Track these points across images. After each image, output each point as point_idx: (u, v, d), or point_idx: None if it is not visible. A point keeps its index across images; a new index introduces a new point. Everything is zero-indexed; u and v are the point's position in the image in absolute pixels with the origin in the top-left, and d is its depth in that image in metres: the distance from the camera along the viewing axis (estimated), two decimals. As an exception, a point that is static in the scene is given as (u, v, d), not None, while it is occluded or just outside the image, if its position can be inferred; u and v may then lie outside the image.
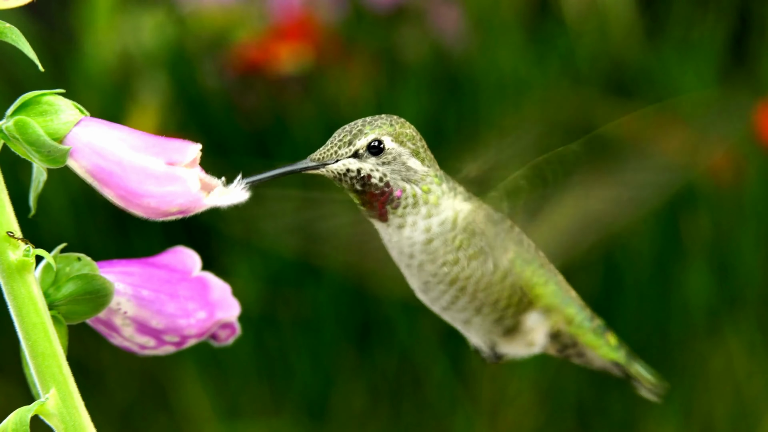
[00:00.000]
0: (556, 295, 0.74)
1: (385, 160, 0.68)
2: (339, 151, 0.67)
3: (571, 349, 0.76)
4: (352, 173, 0.68)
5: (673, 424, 1.55)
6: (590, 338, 0.76)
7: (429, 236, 0.70)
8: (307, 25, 1.66)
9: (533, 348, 0.75)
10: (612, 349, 0.77)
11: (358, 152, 0.67)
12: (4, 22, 0.58)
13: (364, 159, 0.68)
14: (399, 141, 0.68)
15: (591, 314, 0.76)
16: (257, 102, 1.67)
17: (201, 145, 0.58)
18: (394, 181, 0.68)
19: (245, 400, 1.58)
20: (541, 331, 0.74)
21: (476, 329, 0.73)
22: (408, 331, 1.58)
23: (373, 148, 0.68)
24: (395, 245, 0.70)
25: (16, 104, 0.58)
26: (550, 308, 0.74)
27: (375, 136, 0.68)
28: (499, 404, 1.58)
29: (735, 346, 1.56)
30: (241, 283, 1.52)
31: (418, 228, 0.69)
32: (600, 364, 0.77)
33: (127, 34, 1.66)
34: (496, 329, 0.73)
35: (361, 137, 0.68)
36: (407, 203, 0.69)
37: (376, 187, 0.68)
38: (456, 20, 1.71)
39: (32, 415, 0.58)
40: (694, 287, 1.56)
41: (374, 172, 0.68)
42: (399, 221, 0.69)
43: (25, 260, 0.57)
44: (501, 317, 0.73)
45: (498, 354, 0.75)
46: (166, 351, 0.64)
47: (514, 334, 0.74)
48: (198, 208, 0.57)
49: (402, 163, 0.68)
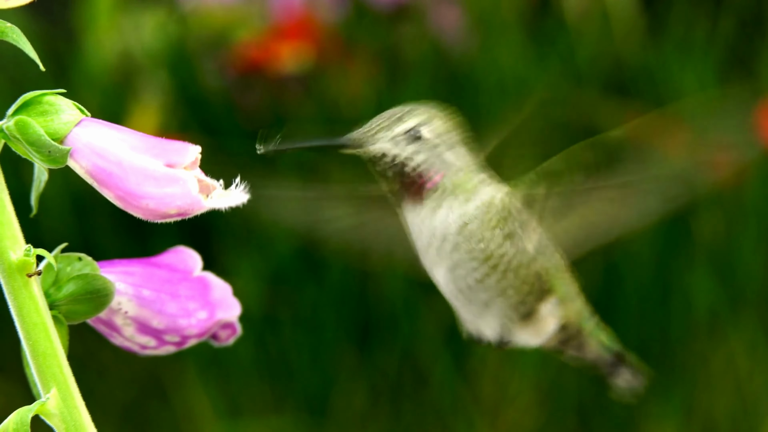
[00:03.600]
0: (569, 287, 0.75)
1: (421, 148, 0.68)
2: (379, 134, 0.68)
3: (573, 341, 0.77)
4: (388, 158, 0.68)
5: (673, 424, 1.55)
6: (593, 330, 0.78)
7: (466, 219, 0.70)
8: (308, 25, 1.66)
9: (541, 337, 0.76)
10: (610, 339, 0.79)
11: (396, 138, 0.68)
12: (5, 22, 0.58)
13: (402, 145, 0.68)
14: (437, 132, 0.69)
15: (591, 310, 0.77)
16: (258, 101, 1.67)
17: (200, 147, 0.58)
18: (428, 169, 0.69)
19: (246, 400, 1.58)
20: (553, 320, 0.76)
21: (494, 312, 0.74)
22: (409, 331, 1.58)
23: (412, 135, 0.68)
24: (426, 228, 0.71)
25: (17, 104, 0.58)
26: (564, 299, 0.75)
27: (415, 124, 0.68)
28: (500, 404, 1.58)
29: (736, 346, 1.56)
30: (241, 283, 1.52)
31: (454, 212, 0.70)
32: (594, 357, 0.78)
33: (128, 34, 1.66)
34: (513, 314, 0.74)
35: (402, 123, 0.68)
36: (442, 190, 0.69)
37: (409, 175, 0.69)
38: (456, 20, 1.71)
39: (33, 414, 0.58)
40: (695, 287, 1.56)
41: (409, 160, 0.68)
42: (433, 204, 0.70)
43: (25, 260, 0.57)
44: (521, 302, 0.74)
45: (505, 341, 0.76)
46: (167, 351, 0.64)
47: (528, 321, 0.75)
48: (197, 210, 0.57)
49: (438, 154, 0.69)
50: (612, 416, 1.59)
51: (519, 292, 0.73)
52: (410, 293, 1.57)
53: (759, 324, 1.57)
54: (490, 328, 0.75)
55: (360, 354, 1.60)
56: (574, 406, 1.60)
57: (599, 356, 0.79)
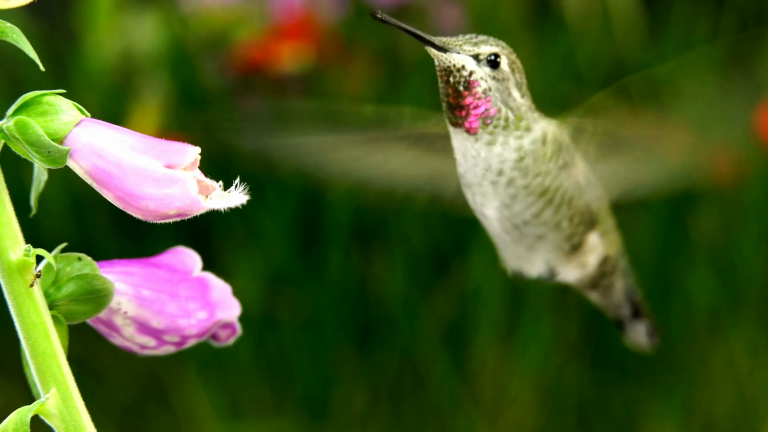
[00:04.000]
0: (610, 220, 0.78)
1: (497, 76, 0.70)
2: (464, 46, 0.69)
3: (608, 278, 0.79)
4: (465, 72, 0.69)
5: (673, 424, 1.55)
6: (624, 269, 0.80)
7: (521, 154, 0.71)
8: (308, 25, 1.66)
9: (585, 270, 0.78)
10: (635, 285, 0.81)
11: (478, 56, 0.69)
12: (5, 22, 0.58)
13: (482, 65, 0.69)
14: (511, 67, 0.70)
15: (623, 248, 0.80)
16: (258, 102, 1.66)
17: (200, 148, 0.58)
18: (495, 97, 0.70)
19: (246, 400, 1.58)
20: (597, 252, 0.78)
21: (546, 245, 0.75)
22: (409, 331, 1.58)
23: (492, 61, 0.70)
24: (482, 162, 0.72)
25: (16, 104, 0.58)
26: (605, 232, 0.77)
27: (498, 51, 0.70)
28: (500, 404, 1.58)
29: (736, 345, 1.56)
30: (241, 282, 1.52)
31: (510, 146, 0.71)
32: (618, 301, 0.80)
33: (128, 34, 1.66)
34: (565, 246, 0.76)
35: (486, 46, 0.70)
36: (500, 123, 0.71)
37: (478, 96, 0.70)
38: (457, 19, 1.71)
39: (33, 414, 0.58)
40: (695, 286, 1.56)
41: (483, 81, 0.70)
42: (489, 138, 0.71)
43: (25, 260, 0.57)
44: (572, 234, 0.75)
45: (555, 273, 0.78)
46: (167, 351, 0.64)
47: (576, 253, 0.77)
48: (196, 211, 0.57)
49: (506, 87, 0.70)
50: (612, 416, 1.59)
51: (572, 224, 0.75)
52: (410, 293, 1.57)
53: (759, 324, 1.57)
54: (539, 261, 0.76)
55: (360, 354, 1.60)
56: (574, 406, 1.60)
57: (622, 303, 0.80)
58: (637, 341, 0.83)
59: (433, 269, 1.61)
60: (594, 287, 0.79)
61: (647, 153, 0.77)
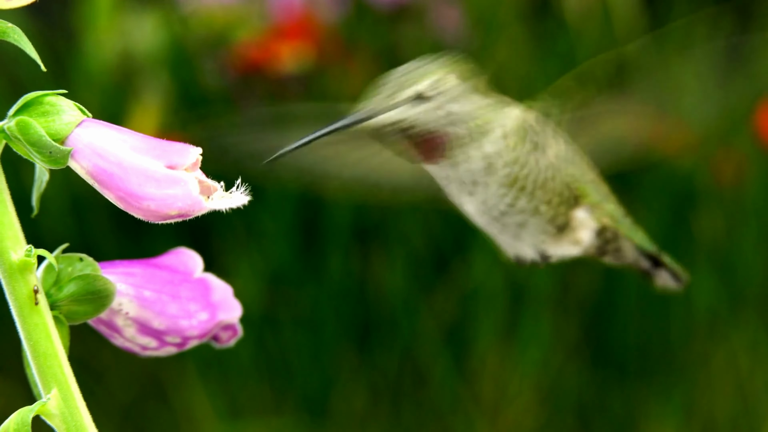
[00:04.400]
0: (598, 191, 0.77)
1: (437, 105, 0.69)
2: (389, 101, 0.68)
3: (611, 244, 0.78)
4: (406, 123, 0.68)
5: (674, 424, 1.55)
6: (629, 230, 0.79)
7: (488, 161, 0.71)
8: (308, 25, 1.66)
9: (581, 245, 0.77)
10: (646, 239, 0.80)
11: (410, 99, 0.68)
12: (5, 22, 0.58)
13: (416, 105, 0.68)
14: (445, 85, 0.69)
15: (623, 209, 0.78)
16: (258, 102, 1.66)
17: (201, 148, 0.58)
18: (444, 123, 0.69)
19: (246, 400, 1.58)
20: (589, 226, 0.77)
21: (530, 231, 0.75)
22: (409, 331, 1.58)
23: (419, 97, 0.68)
24: (455, 179, 0.71)
25: (18, 104, 0.58)
26: (595, 205, 0.76)
27: (419, 87, 0.68)
28: (500, 404, 1.58)
29: (737, 345, 1.56)
30: (241, 283, 1.52)
31: (474, 158, 0.70)
32: (633, 259, 0.79)
33: (128, 34, 1.66)
34: (549, 228, 0.75)
35: (406, 88, 0.68)
36: (460, 142, 0.70)
37: (429, 133, 0.69)
38: (457, 19, 1.71)
39: (34, 415, 0.58)
40: (695, 286, 1.56)
41: (426, 117, 0.69)
42: (452, 161, 0.70)
43: (26, 260, 0.57)
44: (555, 215, 0.75)
45: (546, 255, 0.77)
46: (168, 352, 0.64)
47: (565, 232, 0.76)
48: (198, 212, 0.57)
49: (455, 102, 0.69)
50: (612, 416, 1.59)
51: (551, 206, 0.74)
52: (410, 293, 1.57)
53: (759, 324, 1.57)
54: (529, 247, 0.76)
55: (360, 354, 1.60)
56: (574, 406, 1.60)
57: (637, 259, 0.80)
58: (665, 285, 0.82)
59: (433, 269, 1.61)
60: (603, 254, 0.79)
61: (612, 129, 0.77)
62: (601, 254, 0.79)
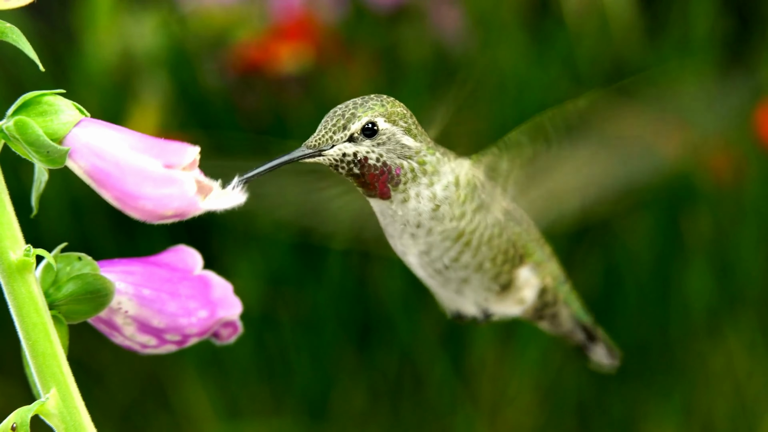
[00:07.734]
0: (542, 250, 0.77)
1: (379, 141, 0.69)
2: (334, 136, 0.68)
3: (550, 308, 0.78)
4: (349, 157, 0.69)
5: (673, 424, 1.55)
6: (568, 296, 0.79)
7: (436, 203, 0.71)
8: (308, 25, 1.66)
9: (522, 305, 0.77)
10: (582, 309, 0.79)
11: (353, 136, 0.69)
12: (4, 22, 0.58)
13: (360, 142, 0.69)
14: (391, 120, 0.69)
15: (564, 274, 0.78)
16: (258, 102, 1.67)
17: (200, 148, 0.58)
18: (391, 159, 0.69)
19: (245, 400, 1.58)
20: (532, 286, 0.77)
21: (473, 288, 0.75)
22: (408, 331, 1.58)
23: (368, 130, 0.69)
24: (400, 219, 0.71)
25: (16, 104, 0.58)
26: (538, 264, 0.76)
27: (368, 119, 0.69)
28: (500, 404, 1.58)
29: (735, 346, 1.56)
30: (241, 282, 1.52)
31: (423, 197, 0.70)
32: (568, 328, 0.79)
33: (127, 34, 1.66)
34: (493, 286, 0.75)
35: (355, 121, 0.69)
36: (407, 178, 0.70)
37: (374, 168, 0.69)
38: (456, 20, 1.71)
39: (33, 414, 0.58)
40: (694, 287, 1.56)
41: (371, 153, 0.69)
42: (402, 196, 0.70)
43: (25, 260, 0.57)
44: (499, 273, 0.74)
45: (488, 314, 0.77)
46: (168, 350, 0.64)
47: (508, 290, 0.76)
48: (194, 212, 0.57)
49: (396, 142, 0.69)
50: (612, 416, 1.59)
51: (495, 264, 0.74)
52: (409, 293, 1.57)
53: (758, 324, 1.57)
54: (470, 303, 0.76)
55: (359, 354, 1.60)
56: (574, 406, 1.60)
57: (573, 329, 0.80)
58: (600, 362, 0.82)
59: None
60: (539, 318, 0.79)
61: (565, 182, 0.76)
62: (539, 318, 0.79)
